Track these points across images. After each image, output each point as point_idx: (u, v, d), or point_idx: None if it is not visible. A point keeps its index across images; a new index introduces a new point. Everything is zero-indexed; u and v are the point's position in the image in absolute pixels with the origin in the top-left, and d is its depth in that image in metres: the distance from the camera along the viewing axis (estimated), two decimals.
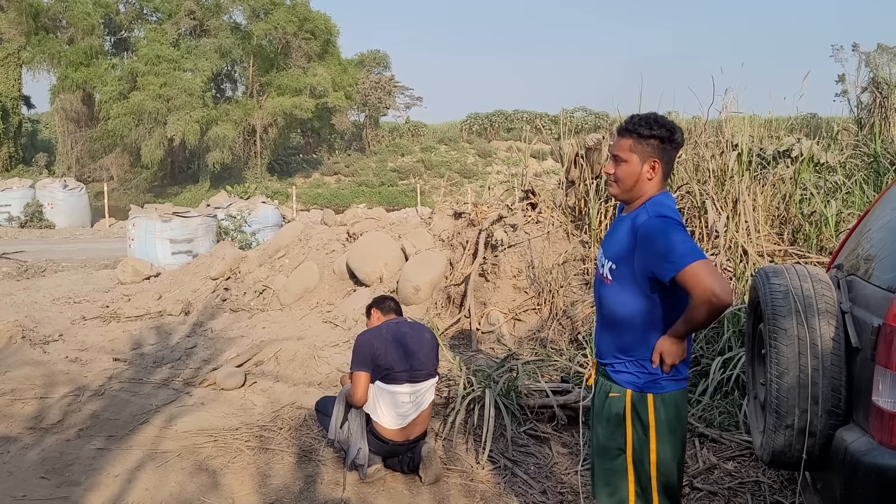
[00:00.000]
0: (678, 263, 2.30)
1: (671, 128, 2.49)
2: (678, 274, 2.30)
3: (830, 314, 2.72)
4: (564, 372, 5.14)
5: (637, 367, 2.48)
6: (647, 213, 2.45)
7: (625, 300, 2.48)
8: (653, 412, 2.46)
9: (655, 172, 2.50)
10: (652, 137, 2.48)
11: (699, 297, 2.29)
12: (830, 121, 11.63)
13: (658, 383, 2.46)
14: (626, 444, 2.50)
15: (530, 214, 7.10)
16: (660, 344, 2.43)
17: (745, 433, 4.28)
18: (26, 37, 37.41)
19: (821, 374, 2.64)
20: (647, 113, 2.54)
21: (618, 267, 2.49)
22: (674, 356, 2.42)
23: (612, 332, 2.56)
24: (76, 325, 7.34)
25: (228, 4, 41.24)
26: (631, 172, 2.51)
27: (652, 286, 2.41)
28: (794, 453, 2.72)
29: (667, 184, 2.56)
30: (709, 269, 2.29)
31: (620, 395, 2.50)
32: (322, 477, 4.01)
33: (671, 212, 2.45)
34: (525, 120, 50.54)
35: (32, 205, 21.06)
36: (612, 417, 2.52)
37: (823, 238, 6.11)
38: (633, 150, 2.50)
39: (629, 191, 2.54)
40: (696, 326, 2.40)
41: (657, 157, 2.49)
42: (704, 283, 2.26)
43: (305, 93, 41.34)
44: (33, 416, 4.81)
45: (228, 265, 8.79)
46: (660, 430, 2.46)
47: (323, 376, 5.39)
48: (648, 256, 2.39)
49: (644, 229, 2.41)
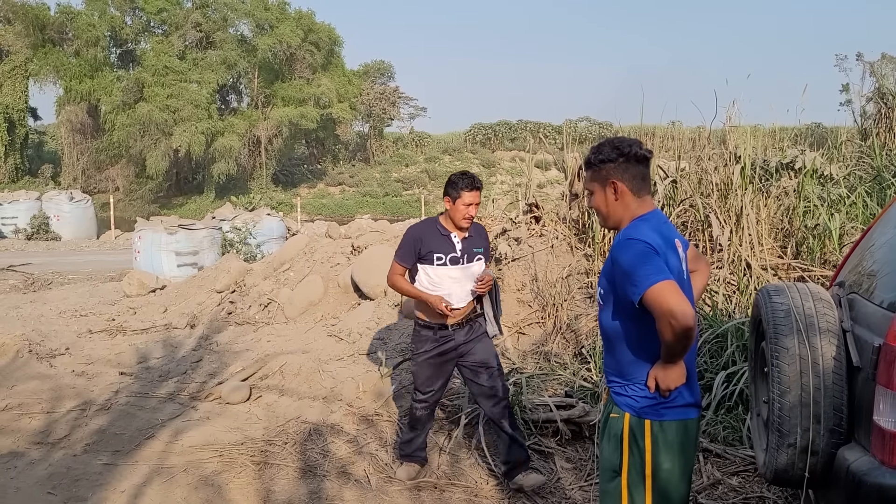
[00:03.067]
0: (641, 286, 2.27)
1: (618, 145, 2.49)
2: (642, 297, 2.27)
3: (832, 333, 2.73)
4: (568, 386, 5.15)
5: (634, 390, 2.45)
6: (620, 235, 2.47)
7: (615, 324, 2.48)
8: (650, 439, 2.40)
9: (619, 193, 2.49)
10: (602, 162, 2.50)
11: (659, 320, 2.25)
12: (835, 130, 11.63)
13: (657, 410, 2.41)
14: (621, 468, 2.46)
15: (534, 227, 7.12)
16: (654, 369, 2.40)
17: (749, 448, 4.28)
18: (32, 49, 37.71)
19: (822, 393, 2.66)
20: (600, 141, 2.59)
21: (605, 291, 2.50)
22: (668, 381, 2.36)
23: (610, 355, 2.56)
24: (82, 339, 7.37)
25: (235, 18, 41.51)
26: (600, 201, 2.54)
27: (632, 310, 2.38)
28: (796, 471, 2.73)
29: (647, 201, 2.52)
30: (669, 291, 2.24)
31: (619, 417, 2.47)
32: (326, 492, 4.03)
33: (641, 233, 2.40)
34: (529, 130, 50.61)
35: (39, 217, 21.15)
36: (611, 438, 2.50)
37: (827, 251, 6.11)
38: (594, 180, 2.55)
39: (608, 218, 2.56)
40: (670, 350, 2.32)
41: (614, 178, 2.49)
42: (663, 305, 2.22)
43: (310, 103, 41.55)
44: (40, 431, 4.84)
45: (234, 278, 8.83)
46: (656, 458, 2.40)
47: (327, 390, 5.41)
48: (619, 279, 2.39)
49: (615, 252, 2.42)
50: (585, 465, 4.33)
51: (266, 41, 40.29)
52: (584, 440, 4.55)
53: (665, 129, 9.50)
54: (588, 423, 4.54)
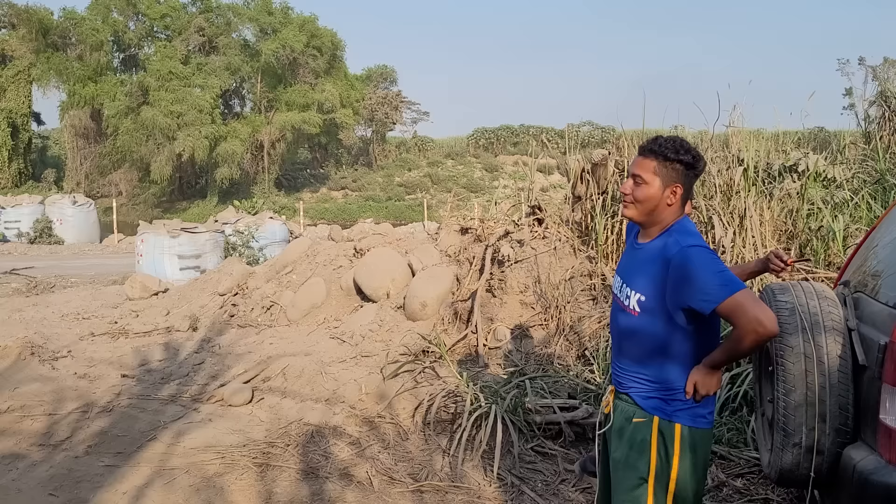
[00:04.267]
0: (718, 296, 2.22)
1: (696, 155, 2.43)
2: (719, 306, 2.22)
3: (837, 332, 2.71)
4: (572, 388, 5.13)
5: (665, 393, 2.39)
6: (677, 243, 2.36)
7: (655, 333, 2.39)
8: (678, 442, 2.36)
9: (676, 198, 2.42)
10: (678, 162, 2.41)
11: (744, 328, 2.20)
12: (838, 134, 11.61)
13: (687, 415, 2.37)
14: (648, 472, 2.38)
15: (537, 230, 7.11)
16: (694, 373, 2.34)
17: (753, 450, 4.26)
18: (36, 54, 37.79)
19: (828, 392, 2.64)
20: (673, 136, 2.49)
21: (647, 299, 2.39)
22: (708, 387, 2.33)
23: (638, 364, 2.46)
24: (85, 341, 7.37)
25: (238, 22, 41.61)
26: (652, 195, 2.43)
27: (686, 318, 2.32)
28: (801, 471, 2.71)
29: (683, 211, 2.48)
30: (752, 299, 2.21)
31: (646, 421, 2.40)
32: (327, 494, 4.01)
33: (699, 239, 2.37)
34: (531, 134, 50.64)
35: (42, 221, 21.21)
36: (635, 444, 2.41)
37: (831, 253, 6.10)
38: (657, 173, 2.43)
39: (647, 214, 2.46)
40: (737, 356, 2.33)
41: (680, 182, 2.42)
42: (749, 314, 2.18)
43: (313, 108, 41.58)
44: (42, 433, 4.83)
45: (236, 281, 8.83)
46: (682, 464, 2.36)
47: (330, 392, 5.40)
48: (684, 289, 2.29)
49: (678, 261, 2.31)
50: None
51: (270, 46, 40.34)
52: (588, 442, 4.53)
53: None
54: (591, 425, 4.52)
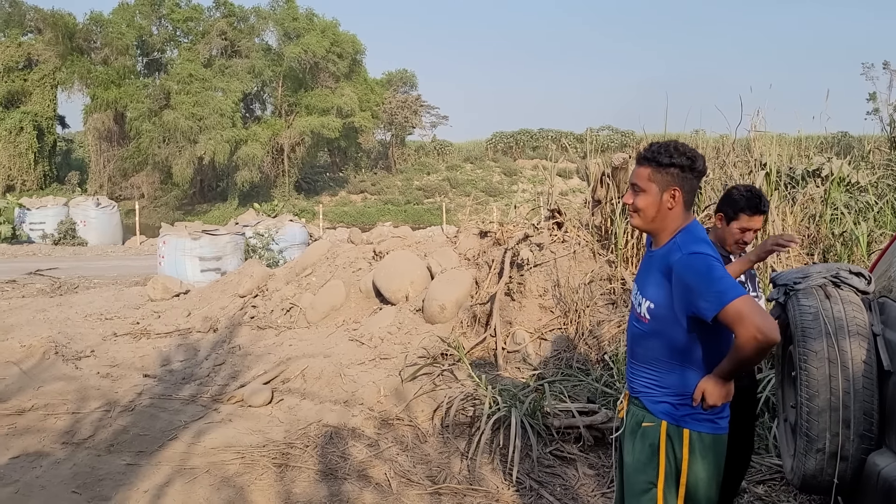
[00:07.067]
0: (718, 302, 2.21)
1: (692, 156, 2.41)
2: (720, 313, 2.21)
3: (862, 336, 2.68)
4: (591, 392, 5.11)
5: (675, 399, 2.38)
6: (679, 249, 2.36)
7: (665, 340, 2.39)
8: (687, 448, 2.35)
9: (676, 202, 2.42)
10: (672, 166, 2.41)
11: (744, 336, 2.19)
12: (862, 139, 11.48)
13: (696, 419, 2.36)
14: (657, 477, 2.38)
15: (556, 234, 7.09)
16: (703, 383, 2.33)
17: (775, 456, 4.22)
18: (61, 58, 38.34)
19: (852, 398, 2.61)
20: (666, 140, 2.48)
21: (656, 307, 2.40)
22: (716, 397, 2.31)
23: (649, 371, 2.46)
24: (107, 342, 7.45)
25: (261, 26, 41.94)
26: (651, 203, 2.44)
27: (694, 325, 2.32)
28: (825, 478, 2.69)
29: (691, 213, 2.47)
30: (751, 306, 2.20)
31: (655, 425, 2.40)
32: (346, 495, 4.02)
33: (704, 245, 2.36)
34: (550, 138, 50.55)
35: (66, 222, 21.49)
36: (644, 448, 2.42)
37: (855, 258, 6.03)
38: (652, 180, 2.43)
39: (651, 221, 2.47)
40: (742, 365, 2.29)
41: (677, 185, 2.42)
42: (748, 322, 2.17)
43: (333, 112, 41.79)
44: (66, 431, 4.90)
45: (256, 283, 8.88)
46: (692, 468, 2.35)
47: (348, 394, 5.42)
48: (687, 296, 2.30)
49: (679, 267, 2.32)
50: (608, 472, 4.28)
51: (293, 50, 40.62)
52: (607, 446, 4.51)
53: (689, 138, 9.44)
54: (611, 430, 4.50)
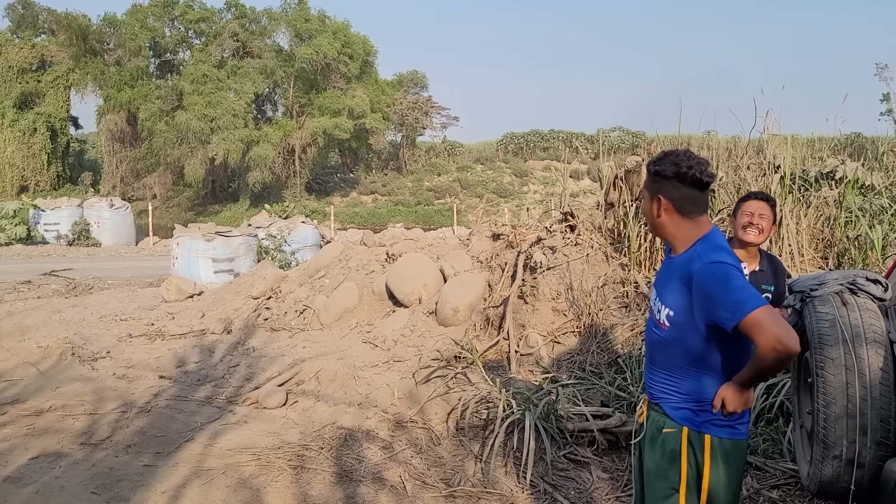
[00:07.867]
0: (738, 312, 2.21)
1: (678, 162, 2.41)
2: (739, 323, 2.22)
3: (879, 343, 2.69)
4: (604, 396, 5.12)
5: (695, 405, 2.39)
6: (700, 258, 2.36)
7: (684, 347, 2.40)
8: (709, 453, 2.36)
9: (663, 209, 2.44)
10: (655, 174, 2.45)
11: (763, 346, 2.19)
12: (876, 140, 11.42)
13: (716, 425, 2.37)
14: (679, 482, 2.39)
15: (569, 236, 7.10)
16: (723, 390, 2.33)
17: (789, 461, 4.21)
18: (74, 60, 38.66)
19: (869, 405, 2.61)
20: (666, 150, 2.51)
21: (676, 314, 2.41)
22: (735, 404, 2.31)
23: (668, 377, 2.47)
24: (123, 343, 7.52)
25: (273, 28, 42.12)
26: (646, 211, 2.52)
27: (714, 333, 2.33)
28: (841, 484, 2.69)
29: (706, 220, 2.47)
30: (771, 316, 2.20)
31: (676, 431, 2.41)
32: (361, 497, 4.05)
33: (725, 254, 2.36)
34: (561, 139, 50.47)
35: (80, 223, 21.64)
36: (666, 453, 2.43)
37: (870, 262, 6.00)
38: (646, 187, 2.51)
39: (654, 228, 2.54)
40: (762, 375, 2.29)
41: (661, 193, 2.44)
42: (768, 332, 2.17)
43: (344, 114, 41.91)
44: (83, 432, 4.95)
45: (269, 285, 8.94)
46: (714, 473, 2.36)
47: (362, 396, 5.44)
48: (707, 305, 2.31)
49: (699, 276, 2.32)
50: (622, 476, 4.29)
51: (305, 51, 40.77)
52: (621, 450, 4.51)
53: (700, 139, 9.42)
54: (625, 434, 4.50)
